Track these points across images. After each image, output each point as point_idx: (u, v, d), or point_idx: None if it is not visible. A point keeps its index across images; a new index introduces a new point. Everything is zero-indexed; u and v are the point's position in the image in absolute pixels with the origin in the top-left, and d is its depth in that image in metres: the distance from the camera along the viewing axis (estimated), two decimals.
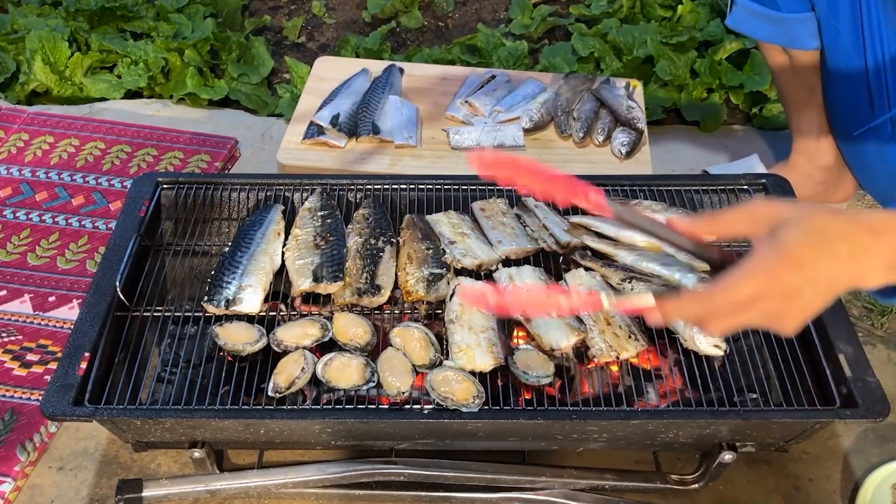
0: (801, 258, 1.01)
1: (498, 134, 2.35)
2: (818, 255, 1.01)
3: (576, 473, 1.70)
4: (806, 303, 1.03)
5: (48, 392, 1.48)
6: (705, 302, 1.05)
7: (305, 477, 1.67)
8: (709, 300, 1.04)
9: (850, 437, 1.86)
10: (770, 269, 1.02)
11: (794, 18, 2.11)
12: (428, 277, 1.69)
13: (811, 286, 1.02)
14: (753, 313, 1.03)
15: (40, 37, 2.92)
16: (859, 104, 2.17)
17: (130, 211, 1.83)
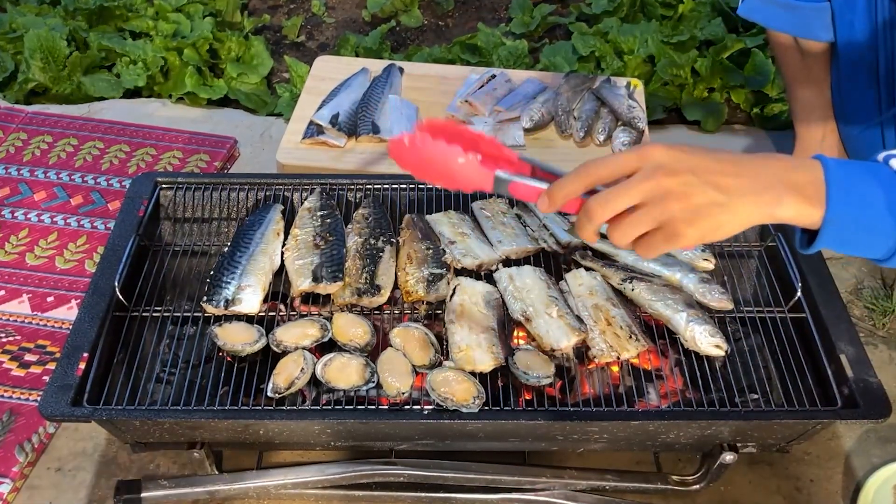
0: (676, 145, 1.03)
1: (498, 134, 2.35)
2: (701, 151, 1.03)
3: (576, 474, 1.70)
4: (695, 191, 1.01)
5: (46, 392, 1.49)
6: (580, 173, 1.05)
7: (305, 478, 1.67)
8: (585, 169, 1.05)
9: (851, 437, 1.86)
10: (642, 146, 1.03)
11: (810, 7, 2.10)
12: (428, 277, 1.69)
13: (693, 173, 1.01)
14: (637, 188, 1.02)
15: (39, 36, 2.92)
16: (868, 100, 2.16)
17: (129, 211, 1.83)
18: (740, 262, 1.86)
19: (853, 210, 1.04)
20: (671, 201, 1.02)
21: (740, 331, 1.75)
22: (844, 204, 1.04)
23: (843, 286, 2.18)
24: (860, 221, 1.04)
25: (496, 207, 1.90)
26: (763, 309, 1.72)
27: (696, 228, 1.04)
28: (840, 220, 1.04)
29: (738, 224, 1.06)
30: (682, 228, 1.03)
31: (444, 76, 2.63)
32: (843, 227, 1.04)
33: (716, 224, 1.04)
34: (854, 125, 2.26)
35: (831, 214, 1.04)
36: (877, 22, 2.02)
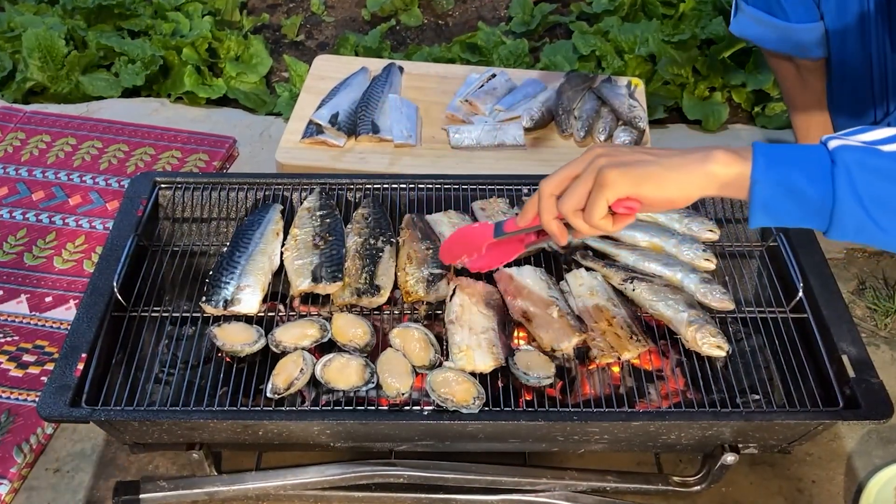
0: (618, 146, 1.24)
1: (498, 133, 2.35)
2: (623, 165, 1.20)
3: (577, 475, 1.69)
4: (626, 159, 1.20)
5: (45, 393, 1.48)
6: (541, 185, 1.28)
7: (304, 479, 1.67)
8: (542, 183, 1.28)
9: (853, 438, 1.86)
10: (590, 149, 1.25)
11: (802, 28, 2.09)
12: (428, 278, 1.69)
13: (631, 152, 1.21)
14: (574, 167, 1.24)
15: (37, 35, 2.92)
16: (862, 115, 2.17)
17: (128, 210, 1.83)
18: (742, 263, 1.86)
19: (776, 170, 1.13)
20: (602, 159, 1.21)
21: (742, 331, 1.75)
22: (767, 163, 1.13)
23: (845, 286, 2.18)
24: (784, 184, 1.12)
25: (496, 207, 1.90)
26: (764, 309, 1.72)
27: (626, 175, 1.18)
28: (765, 180, 1.13)
29: (670, 176, 1.18)
30: (611, 175, 1.18)
31: (444, 75, 2.63)
32: (769, 187, 1.13)
33: (645, 172, 1.18)
34: None
35: (756, 173, 1.13)
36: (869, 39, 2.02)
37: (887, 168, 1.08)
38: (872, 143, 1.12)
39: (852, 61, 2.11)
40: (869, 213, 1.09)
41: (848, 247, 2.32)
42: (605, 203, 1.20)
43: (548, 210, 1.27)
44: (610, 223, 1.24)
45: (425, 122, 2.45)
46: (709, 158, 1.16)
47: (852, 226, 1.11)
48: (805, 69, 2.23)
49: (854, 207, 1.09)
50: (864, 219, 1.10)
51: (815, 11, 2.05)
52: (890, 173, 1.08)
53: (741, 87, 2.90)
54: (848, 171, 1.09)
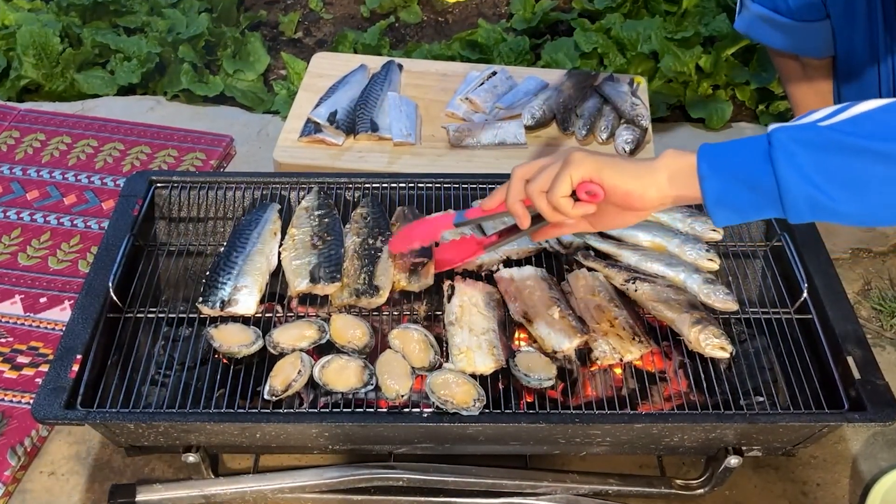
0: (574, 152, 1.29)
1: (499, 131, 2.35)
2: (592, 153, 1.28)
3: (579, 478, 1.70)
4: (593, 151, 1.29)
5: (39, 395, 1.49)
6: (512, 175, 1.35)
7: (302, 482, 1.67)
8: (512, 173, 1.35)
9: (858, 441, 1.86)
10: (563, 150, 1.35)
11: (808, 26, 2.08)
12: (410, 267, 1.70)
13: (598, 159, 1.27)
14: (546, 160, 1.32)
15: (32, 32, 2.92)
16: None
17: (123, 210, 1.83)
18: (745, 263, 1.86)
19: (719, 163, 1.18)
20: (575, 149, 1.29)
21: (745, 332, 1.75)
22: (711, 157, 1.19)
23: (850, 287, 2.18)
24: (728, 174, 1.17)
25: None
26: (768, 310, 1.72)
27: (590, 158, 1.26)
28: (711, 175, 1.18)
29: (629, 168, 1.25)
30: (577, 156, 1.26)
31: (444, 73, 2.63)
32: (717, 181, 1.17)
33: (608, 161, 1.26)
34: None
35: (703, 169, 1.18)
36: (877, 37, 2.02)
37: (824, 140, 1.09)
38: (812, 122, 1.14)
39: (860, 60, 2.11)
40: (817, 186, 1.09)
41: (853, 247, 2.33)
42: (569, 180, 1.26)
43: (515, 192, 1.33)
44: (570, 204, 1.29)
45: (425, 120, 2.45)
46: (659, 157, 1.25)
47: (805, 204, 1.11)
48: (811, 68, 2.23)
49: (799, 184, 1.10)
50: (813, 193, 1.10)
51: (821, 9, 2.05)
52: (827, 144, 1.09)
53: (745, 84, 2.90)
54: (784, 148, 1.10)
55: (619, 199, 1.26)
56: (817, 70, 2.23)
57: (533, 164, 1.34)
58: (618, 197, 1.26)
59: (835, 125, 1.11)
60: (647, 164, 1.25)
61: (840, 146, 1.08)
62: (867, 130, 1.08)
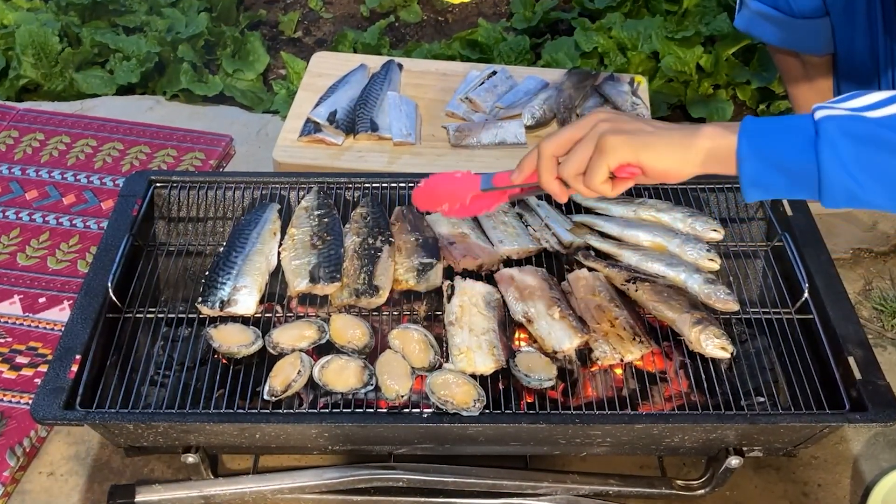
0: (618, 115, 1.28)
1: (499, 131, 2.35)
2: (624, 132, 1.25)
3: (579, 479, 1.70)
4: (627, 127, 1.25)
5: (38, 395, 1.49)
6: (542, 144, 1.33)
7: (302, 482, 1.67)
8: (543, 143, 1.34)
9: (859, 441, 1.86)
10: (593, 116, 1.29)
11: (808, 23, 2.08)
12: (418, 267, 1.70)
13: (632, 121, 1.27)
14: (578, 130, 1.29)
15: (30, 31, 2.92)
16: None
17: (123, 210, 1.83)
18: (746, 263, 1.86)
19: (760, 145, 1.17)
20: (603, 125, 1.26)
21: (746, 332, 1.75)
22: (751, 139, 1.17)
23: (852, 287, 2.18)
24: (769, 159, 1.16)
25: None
26: (769, 310, 1.72)
27: (627, 143, 1.24)
28: (750, 156, 1.17)
29: (668, 148, 1.23)
30: (613, 142, 1.24)
31: (444, 73, 2.63)
32: (755, 162, 1.17)
33: (645, 142, 1.24)
34: None
35: (742, 150, 1.18)
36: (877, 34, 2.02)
37: (870, 134, 1.10)
38: (859, 110, 1.13)
39: (860, 57, 2.11)
40: (856, 180, 1.11)
41: (854, 247, 2.33)
42: (607, 169, 1.26)
43: (548, 170, 1.32)
44: (609, 187, 1.29)
45: (425, 119, 2.45)
46: (698, 132, 1.22)
47: (842, 194, 1.13)
48: (811, 66, 2.23)
49: (840, 176, 1.11)
50: (851, 186, 1.12)
51: (820, 6, 2.05)
52: (872, 139, 1.10)
53: (746, 84, 2.90)
54: (831, 141, 1.11)
55: (657, 176, 1.27)
56: (817, 68, 2.23)
57: (561, 139, 1.31)
58: (656, 175, 1.26)
59: (883, 119, 1.11)
60: (685, 140, 1.23)
61: (885, 143, 1.09)
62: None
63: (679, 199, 1.90)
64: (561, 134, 1.32)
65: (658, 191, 1.92)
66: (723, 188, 1.92)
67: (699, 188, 1.92)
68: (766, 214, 1.87)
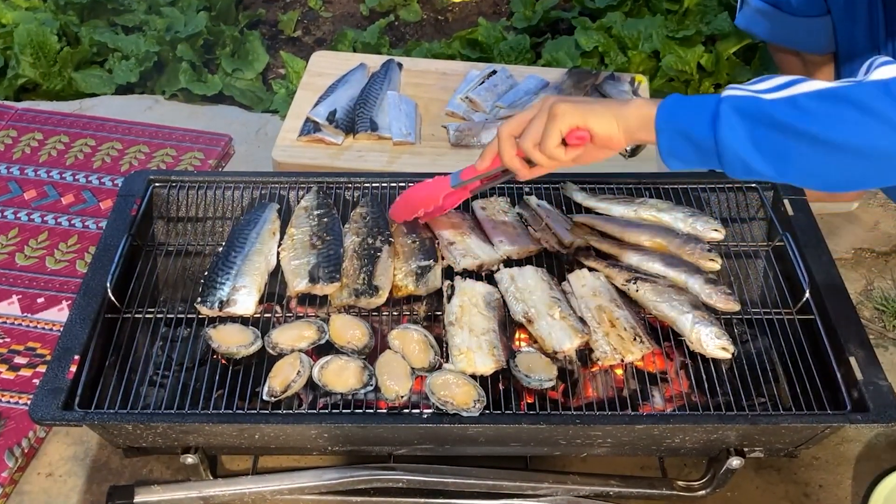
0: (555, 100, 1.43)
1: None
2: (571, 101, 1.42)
3: (579, 480, 1.70)
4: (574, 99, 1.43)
5: (37, 396, 1.49)
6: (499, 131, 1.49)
7: (301, 483, 1.67)
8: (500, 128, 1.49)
9: (861, 441, 1.86)
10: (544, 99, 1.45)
11: (809, 21, 2.09)
12: (416, 271, 1.70)
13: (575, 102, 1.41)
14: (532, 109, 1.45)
15: (29, 31, 2.92)
16: None
17: (121, 210, 1.83)
18: (747, 263, 1.86)
19: (673, 119, 1.33)
20: (552, 98, 1.43)
21: (747, 333, 1.75)
22: (666, 113, 1.34)
23: (853, 287, 2.18)
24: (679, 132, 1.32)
25: (497, 206, 1.90)
26: (770, 310, 1.72)
27: (574, 108, 1.40)
28: (665, 129, 1.33)
29: (609, 112, 1.39)
30: (562, 108, 1.40)
31: (443, 72, 2.63)
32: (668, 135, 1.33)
33: (589, 108, 1.40)
34: None
35: (659, 122, 1.34)
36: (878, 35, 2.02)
37: (762, 114, 1.24)
38: (760, 92, 1.27)
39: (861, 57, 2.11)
40: (748, 153, 1.26)
41: (856, 247, 2.33)
42: (559, 132, 1.41)
43: (509, 148, 1.48)
44: (563, 152, 1.43)
45: (425, 119, 2.45)
46: (630, 103, 1.40)
47: (738, 166, 1.28)
48: (812, 65, 2.23)
49: (735, 150, 1.26)
50: (745, 159, 1.27)
51: (821, 4, 2.05)
52: (763, 118, 1.24)
53: None
54: (727, 119, 1.26)
55: (602, 141, 1.41)
56: (819, 67, 2.23)
57: (517, 120, 1.47)
58: (600, 139, 1.41)
59: (775, 101, 1.25)
60: (619, 109, 1.39)
61: (772, 122, 1.24)
62: (798, 112, 1.23)
63: (680, 198, 1.90)
64: (516, 117, 1.48)
65: (659, 190, 1.92)
66: (724, 188, 1.92)
67: (700, 188, 1.92)
68: (767, 214, 1.87)
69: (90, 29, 3.08)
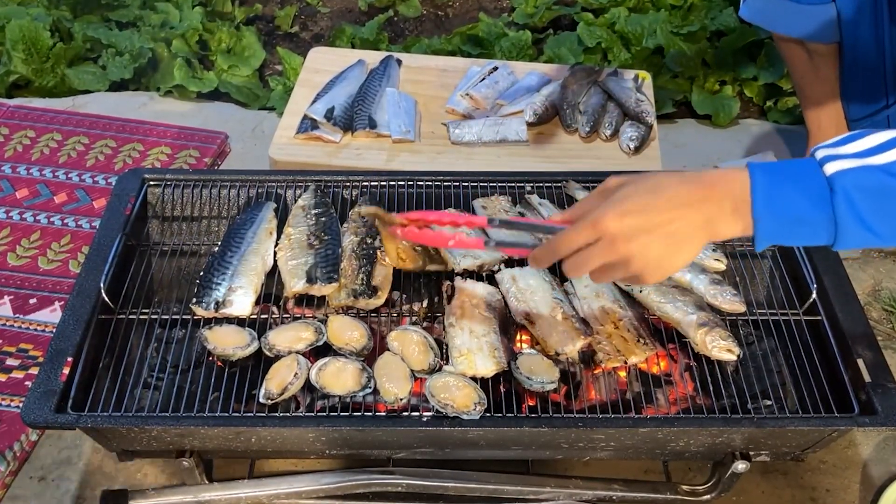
0: (624, 204, 1.19)
1: (500, 128, 2.35)
2: (645, 202, 1.19)
3: (582, 484, 1.70)
4: (649, 247, 1.19)
5: (29, 398, 1.48)
6: (550, 248, 1.25)
7: (299, 487, 1.67)
8: (552, 246, 1.25)
9: (869, 445, 1.86)
10: (596, 217, 1.19)
11: (813, 10, 2.11)
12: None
13: (646, 232, 1.18)
14: (599, 256, 1.21)
15: (21, 26, 2.92)
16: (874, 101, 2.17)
17: (115, 209, 1.83)
18: (753, 263, 1.86)
19: (777, 206, 1.18)
20: (633, 264, 1.20)
21: (753, 334, 1.75)
22: (767, 200, 1.18)
23: (861, 288, 2.18)
24: (786, 217, 1.18)
25: (498, 205, 1.90)
26: (777, 311, 1.72)
27: (657, 272, 1.22)
28: (768, 221, 1.18)
29: (690, 255, 1.22)
30: (647, 277, 1.22)
31: (443, 68, 2.63)
32: (772, 223, 1.18)
33: (671, 264, 1.22)
34: (860, 126, 2.27)
35: (758, 211, 1.18)
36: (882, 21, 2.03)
37: (882, 185, 1.15)
38: (864, 155, 1.17)
39: (865, 47, 2.12)
40: (870, 228, 1.16)
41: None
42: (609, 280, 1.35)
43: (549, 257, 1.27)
44: None
45: (424, 116, 2.46)
46: (717, 230, 1.20)
47: (856, 241, 1.18)
48: (817, 55, 2.24)
49: (856, 227, 1.16)
50: (866, 234, 1.17)
51: None
52: (884, 190, 1.15)
53: (753, 80, 2.90)
54: (847, 197, 1.15)
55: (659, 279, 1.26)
56: (823, 57, 2.24)
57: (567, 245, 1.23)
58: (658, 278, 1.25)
59: (888, 166, 1.16)
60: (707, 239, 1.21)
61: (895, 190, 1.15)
62: None
63: None
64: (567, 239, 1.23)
65: None
66: None
67: None
68: None
69: (83, 24, 3.08)
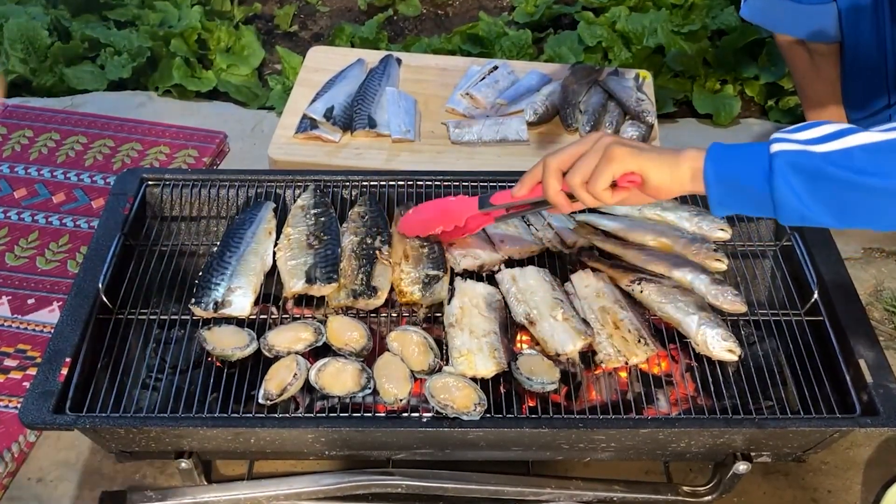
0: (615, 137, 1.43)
1: (500, 128, 2.35)
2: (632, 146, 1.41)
3: (582, 485, 1.70)
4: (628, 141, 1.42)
5: (27, 399, 1.48)
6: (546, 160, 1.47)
7: (298, 488, 1.68)
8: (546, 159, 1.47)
9: (870, 446, 1.86)
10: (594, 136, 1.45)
11: (814, 9, 2.11)
12: (423, 279, 1.69)
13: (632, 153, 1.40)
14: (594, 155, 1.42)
15: (19, 25, 2.92)
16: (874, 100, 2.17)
17: (114, 209, 1.83)
18: (754, 263, 1.86)
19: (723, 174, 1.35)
20: (607, 139, 1.43)
21: (754, 334, 1.75)
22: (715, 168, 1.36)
23: (862, 288, 2.18)
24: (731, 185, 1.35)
25: None
26: (778, 312, 1.72)
27: (632, 154, 1.40)
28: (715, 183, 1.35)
29: (661, 159, 1.40)
30: (619, 152, 1.39)
31: (443, 68, 2.63)
32: (719, 188, 1.35)
33: (646, 155, 1.40)
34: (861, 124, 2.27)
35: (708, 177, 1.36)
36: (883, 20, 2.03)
37: (819, 170, 1.28)
38: (809, 143, 1.31)
39: (865, 46, 2.13)
40: (805, 205, 1.29)
41: (865, 246, 2.33)
42: (612, 176, 1.40)
43: (554, 183, 1.46)
44: (610, 194, 1.43)
45: (424, 116, 2.45)
46: (682, 154, 1.39)
47: (794, 216, 1.32)
48: (818, 55, 2.24)
49: (791, 203, 1.30)
50: (801, 210, 1.30)
51: None
52: (821, 175, 1.28)
53: (754, 79, 2.90)
54: (783, 175, 1.29)
55: (652, 189, 1.42)
56: (824, 57, 2.24)
57: (566, 154, 1.45)
58: (651, 187, 1.41)
59: (830, 155, 1.28)
60: (674, 159, 1.39)
61: (831, 178, 1.28)
62: (857, 166, 1.26)
63: (685, 197, 1.90)
64: (565, 150, 1.45)
65: None
66: None
67: None
68: None
69: (82, 24, 3.08)
